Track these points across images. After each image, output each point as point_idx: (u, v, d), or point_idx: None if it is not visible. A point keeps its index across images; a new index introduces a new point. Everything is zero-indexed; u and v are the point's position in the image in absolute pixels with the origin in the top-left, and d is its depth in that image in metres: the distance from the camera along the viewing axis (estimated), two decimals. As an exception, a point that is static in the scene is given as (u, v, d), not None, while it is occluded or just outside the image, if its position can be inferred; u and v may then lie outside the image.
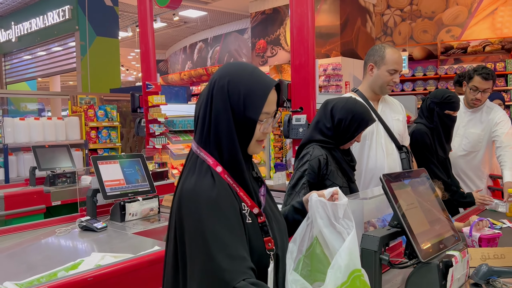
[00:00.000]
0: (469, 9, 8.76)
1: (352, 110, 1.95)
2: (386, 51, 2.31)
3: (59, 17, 8.99)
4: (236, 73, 1.12)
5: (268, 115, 1.13)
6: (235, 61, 1.22)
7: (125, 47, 15.17)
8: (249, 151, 1.14)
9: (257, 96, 1.09)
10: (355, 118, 1.94)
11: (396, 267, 1.38)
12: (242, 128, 1.09)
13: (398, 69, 2.31)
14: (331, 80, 8.33)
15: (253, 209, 1.11)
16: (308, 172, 1.93)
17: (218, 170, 1.09)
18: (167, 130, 4.94)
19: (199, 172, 1.09)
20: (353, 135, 1.96)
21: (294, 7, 3.49)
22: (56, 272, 1.68)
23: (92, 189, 2.60)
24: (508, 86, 7.82)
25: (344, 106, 1.97)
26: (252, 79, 1.11)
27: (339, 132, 1.96)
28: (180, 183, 1.12)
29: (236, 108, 1.09)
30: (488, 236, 1.69)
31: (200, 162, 1.10)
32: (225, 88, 1.10)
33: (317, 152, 1.94)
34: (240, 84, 1.10)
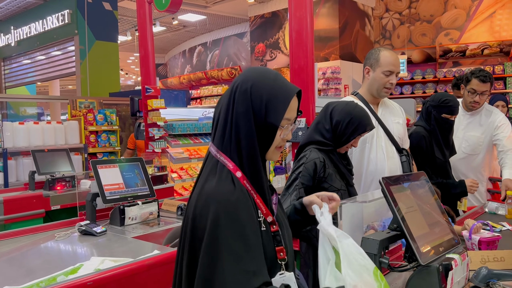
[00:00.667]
0: (467, 12, 8.79)
1: (350, 113, 1.96)
2: (381, 53, 2.32)
3: (58, 22, 9.01)
4: (260, 78, 1.11)
5: (289, 121, 1.13)
6: (258, 66, 1.21)
7: (124, 51, 15.19)
8: (267, 157, 1.14)
9: (280, 101, 1.09)
10: (352, 122, 1.94)
11: (396, 270, 1.38)
12: (262, 134, 1.09)
13: (393, 70, 2.30)
14: (330, 84, 8.35)
15: (267, 217, 1.10)
16: (302, 174, 1.93)
17: (237, 175, 1.08)
18: (166, 134, 4.94)
19: (220, 176, 1.08)
20: (349, 139, 1.96)
21: (293, 11, 3.50)
22: (56, 276, 1.68)
23: (92, 193, 2.59)
24: (507, 89, 7.83)
25: (344, 108, 1.98)
26: (275, 85, 1.11)
27: (336, 135, 1.97)
28: (199, 186, 1.10)
29: (258, 113, 1.08)
30: (488, 239, 1.69)
31: (220, 166, 1.09)
32: (248, 92, 1.09)
33: (314, 155, 1.94)
34: (263, 89, 1.09)
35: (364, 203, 1.53)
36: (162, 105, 4.86)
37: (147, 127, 4.89)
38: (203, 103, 12.14)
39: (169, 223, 2.64)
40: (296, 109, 1.16)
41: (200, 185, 1.10)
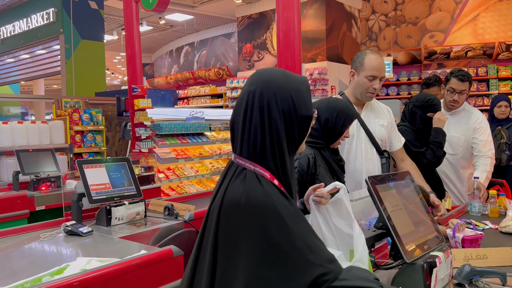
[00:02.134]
0: (451, 15, 8.92)
1: (336, 108, 2.00)
2: (366, 57, 2.32)
3: (43, 20, 8.89)
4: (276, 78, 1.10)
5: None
6: (265, 68, 1.18)
7: (111, 51, 15.06)
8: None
9: (303, 93, 1.11)
10: (340, 115, 1.99)
11: (382, 268, 1.40)
12: (300, 128, 1.10)
13: (376, 76, 2.29)
14: (317, 85, 8.40)
15: None
16: (297, 170, 1.95)
17: (275, 183, 1.06)
18: (153, 134, 4.91)
19: (265, 183, 1.03)
20: (342, 131, 2.00)
21: (280, 12, 3.52)
22: (41, 277, 1.66)
23: (78, 193, 2.57)
24: (490, 90, 7.97)
25: (328, 105, 2.02)
26: (291, 80, 1.11)
27: (328, 131, 2.00)
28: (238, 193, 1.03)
29: (287, 111, 1.07)
30: (471, 237, 1.72)
31: (259, 176, 1.05)
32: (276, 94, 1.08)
33: (306, 151, 1.97)
34: (285, 87, 1.09)
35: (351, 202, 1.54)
36: (149, 104, 4.84)
37: (134, 127, 4.86)
38: (191, 103, 12.11)
39: (156, 223, 2.63)
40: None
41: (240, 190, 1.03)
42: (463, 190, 3.05)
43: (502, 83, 7.94)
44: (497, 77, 7.98)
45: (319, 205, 1.24)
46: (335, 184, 1.25)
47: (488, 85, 8.06)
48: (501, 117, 4.25)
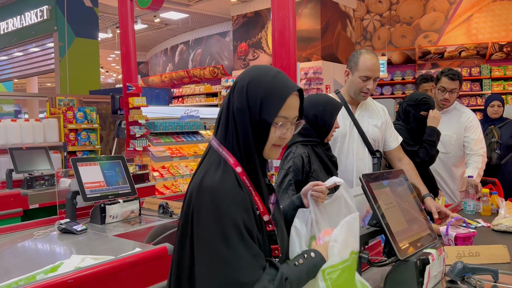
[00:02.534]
0: (445, 15, 8.97)
1: (319, 103, 2.02)
2: (361, 57, 2.31)
3: (37, 18, 8.83)
4: (258, 75, 1.13)
5: (286, 119, 1.12)
6: (262, 64, 1.21)
7: (105, 49, 15.00)
8: (265, 155, 1.14)
9: (275, 98, 1.10)
10: (326, 108, 2.01)
11: (375, 265, 1.41)
12: (257, 131, 1.10)
13: (370, 76, 2.29)
14: (312, 84, 8.41)
15: (263, 216, 1.11)
16: (292, 169, 1.96)
17: (238, 170, 1.09)
18: (148, 132, 4.90)
19: (223, 170, 1.08)
20: (331, 123, 2.02)
21: (275, 11, 3.52)
22: (35, 275, 1.65)
23: (72, 191, 2.56)
24: (483, 90, 8.03)
25: (311, 102, 2.03)
26: (273, 82, 1.11)
27: (318, 127, 2.01)
28: (199, 179, 1.09)
29: (253, 109, 1.09)
30: (464, 235, 1.74)
31: (223, 161, 1.10)
32: (244, 89, 1.11)
33: (300, 150, 1.98)
34: (260, 86, 1.10)
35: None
36: (144, 103, 4.83)
37: (128, 125, 4.85)
38: (185, 102, 12.09)
39: (150, 221, 2.63)
40: (297, 109, 1.16)
41: (200, 177, 1.09)
42: (454, 188, 3.07)
43: (495, 83, 8.00)
44: (490, 77, 8.04)
45: (317, 201, 1.24)
46: (334, 179, 1.25)
47: (481, 85, 8.11)
48: (494, 117, 4.29)
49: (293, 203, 1.35)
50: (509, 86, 7.89)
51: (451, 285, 1.42)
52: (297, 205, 1.33)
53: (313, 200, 1.24)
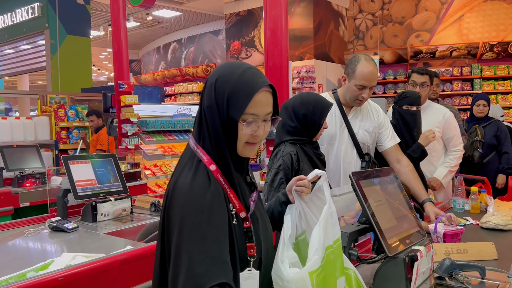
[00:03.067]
0: (437, 15, 9.03)
1: (310, 102, 2.03)
2: (358, 65, 2.29)
3: (28, 15, 8.76)
4: (226, 72, 1.11)
5: (256, 116, 1.10)
6: (233, 61, 1.20)
7: (97, 47, 14.91)
8: (239, 152, 1.13)
9: (241, 95, 1.08)
10: (316, 107, 2.01)
11: (365, 262, 1.42)
12: (226, 128, 1.09)
13: (366, 85, 2.28)
14: (304, 83, 8.44)
15: (240, 212, 1.11)
16: (283, 167, 1.97)
17: (211, 168, 1.09)
18: (140, 131, 4.89)
19: (196, 169, 1.09)
20: (321, 123, 2.03)
21: (268, 9, 3.53)
22: (25, 273, 1.65)
23: (63, 189, 2.55)
24: (474, 90, 8.10)
25: (302, 101, 2.04)
26: (240, 79, 1.09)
27: (308, 126, 2.02)
28: (174, 178, 1.11)
29: (221, 107, 1.08)
30: (452, 232, 1.76)
31: (197, 159, 1.10)
32: (212, 86, 1.10)
33: (288, 149, 1.99)
34: (226, 83, 1.09)
35: (334, 197, 1.57)
36: (136, 101, 4.81)
37: (120, 123, 4.83)
38: (178, 100, 12.05)
39: (142, 219, 2.63)
40: (270, 105, 1.14)
41: (176, 177, 1.11)
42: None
43: (485, 83, 8.07)
44: (481, 77, 8.11)
45: (301, 195, 1.25)
46: (316, 172, 1.25)
47: (472, 85, 8.18)
48: (479, 116, 4.34)
49: (279, 199, 1.36)
50: (500, 85, 7.96)
51: (439, 281, 1.44)
52: (283, 201, 1.34)
53: (297, 195, 1.25)
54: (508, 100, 7.78)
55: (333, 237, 1.16)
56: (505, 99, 7.83)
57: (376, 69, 2.35)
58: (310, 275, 1.08)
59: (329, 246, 1.14)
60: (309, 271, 1.08)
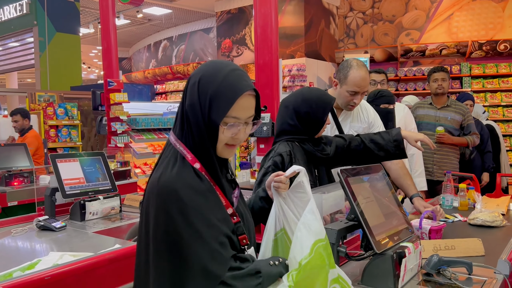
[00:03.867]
0: (427, 13, 9.08)
1: (312, 98, 1.98)
2: (350, 71, 2.28)
3: (16, 12, 8.65)
4: (210, 72, 1.10)
5: (237, 120, 1.09)
6: (218, 60, 1.18)
7: (87, 44, 14.78)
8: (218, 153, 1.13)
9: (224, 99, 1.06)
10: (318, 104, 1.97)
11: (353, 259, 1.43)
12: (208, 129, 1.08)
13: (358, 91, 2.28)
14: (295, 81, 8.44)
15: (227, 208, 1.11)
16: (271, 168, 1.93)
17: (196, 166, 1.08)
18: (129, 129, 4.86)
19: (180, 165, 1.07)
20: (324, 120, 1.99)
21: (258, 7, 3.52)
22: (12, 272, 1.63)
23: (51, 188, 2.52)
24: (463, 88, 8.16)
25: (304, 98, 1.99)
26: (224, 81, 1.08)
27: (310, 123, 1.97)
28: (157, 175, 1.08)
29: (203, 107, 1.07)
30: (437, 228, 1.78)
31: (180, 156, 1.09)
32: (196, 85, 1.09)
33: (282, 148, 1.96)
34: (209, 84, 1.08)
35: (323, 194, 1.57)
36: (125, 99, 4.78)
37: (110, 121, 4.80)
38: (169, 98, 11.99)
39: (131, 218, 2.61)
40: (252, 108, 1.12)
41: (158, 173, 1.08)
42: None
43: (474, 81, 8.14)
44: (470, 75, 8.17)
45: (279, 191, 1.24)
46: (293, 168, 1.25)
47: (461, 83, 8.25)
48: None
49: (259, 195, 1.36)
50: (488, 84, 8.03)
51: (427, 277, 1.45)
52: (262, 196, 1.34)
53: (275, 190, 1.24)
54: (496, 98, 7.86)
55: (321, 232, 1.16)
56: (493, 97, 7.91)
57: (368, 74, 2.34)
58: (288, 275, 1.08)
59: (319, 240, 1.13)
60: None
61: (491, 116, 7.75)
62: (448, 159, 3.74)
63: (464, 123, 3.78)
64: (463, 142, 3.74)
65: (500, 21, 8.44)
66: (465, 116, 3.79)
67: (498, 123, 7.81)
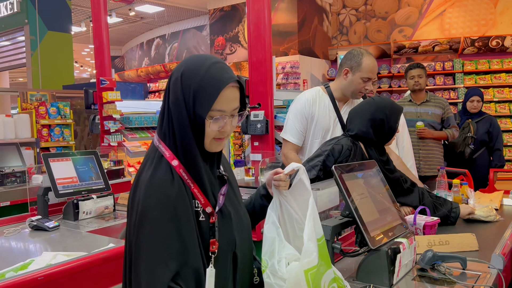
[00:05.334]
0: (419, 10, 9.11)
1: (386, 107, 1.99)
2: (364, 58, 2.33)
3: (6, 10, 8.56)
4: (192, 67, 1.08)
5: (223, 112, 1.08)
6: (199, 54, 1.17)
7: (79, 43, 14.66)
8: (206, 148, 1.11)
9: (207, 92, 1.05)
10: (392, 112, 1.99)
11: (348, 255, 1.43)
12: (193, 124, 1.07)
13: (371, 78, 2.34)
14: (289, 78, 8.44)
15: (206, 208, 1.09)
16: (328, 153, 1.95)
17: (173, 163, 1.07)
18: (122, 127, 4.83)
19: (157, 165, 1.07)
20: (396, 128, 2.01)
21: (251, 4, 3.51)
22: (4, 273, 1.61)
23: (43, 188, 2.50)
24: (456, 84, 8.21)
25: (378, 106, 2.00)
26: (207, 74, 1.06)
27: (384, 132, 1.98)
28: (137, 175, 1.10)
29: (187, 103, 1.06)
30: (431, 223, 1.78)
31: (158, 155, 1.08)
32: (178, 81, 1.08)
33: (345, 141, 1.97)
34: (192, 78, 1.06)
35: (318, 191, 1.57)
36: (118, 97, 4.75)
37: (102, 120, 4.77)
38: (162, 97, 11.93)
39: (125, 217, 2.56)
40: (237, 100, 1.11)
41: (138, 174, 1.10)
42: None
43: (467, 77, 8.19)
44: (462, 71, 8.22)
45: (279, 189, 1.24)
46: (292, 165, 1.24)
47: (454, 79, 8.29)
48: (473, 111, 4.38)
49: (259, 192, 1.35)
50: (481, 80, 8.08)
51: (421, 273, 1.45)
52: (263, 194, 1.33)
53: (276, 189, 1.24)
54: (489, 94, 7.90)
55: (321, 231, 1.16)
56: (486, 93, 7.95)
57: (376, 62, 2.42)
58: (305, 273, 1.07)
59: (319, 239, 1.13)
60: (304, 269, 1.07)
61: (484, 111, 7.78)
62: (433, 154, 3.76)
63: (444, 116, 3.80)
64: (443, 135, 3.76)
65: (492, 17, 8.49)
66: (445, 109, 3.81)
67: (491, 119, 7.87)
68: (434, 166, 3.67)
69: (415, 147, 3.54)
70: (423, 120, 3.75)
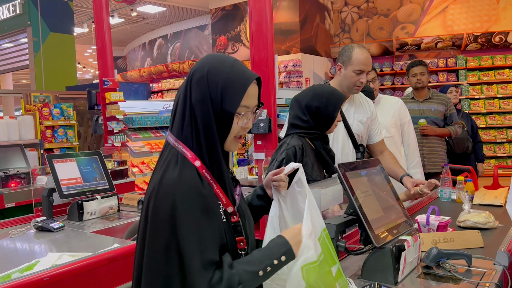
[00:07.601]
0: (422, 7, 9.08)
1: (323, 94, 2.01)
2: (354, 51, 2.33)
3: (9, 12, 8.58)
4: (216, 64, 1.09)
5: (247, 109, 1.10)
6: (216, 53, 1.18)
7: (82, 44, 14.71)
8: (226, 147, 1.12)
9: (236, 88, 1.07)
10: (329, 100, 2.00)
11: (353, 253, 1.43)
12: (220, 122, 1.07)
13: (364, 70, 2.32)
14: (291, 77, 8.43)
15: (227, 207, 1.09)
16: (286, 161, 1.94)
17: (196, 164, 1.06)
18: (126, 128, 4.84)
19: (182, 165, 1.05)
20: (335, 116, 2.02)
21: (252, 3, 3.51)
22: (10, 274, 1.62)
23: (48, 189, 2.51)
24: (459, 80, 8.17)
25: (315, 93, 2.02)
26: (232, 71, 1.08)
27: (321, 119, 2.00)
28: (159, 176, 1.07)
29: (214, 100, 1.06)
30: (444, 223, 1.77)
31: (181, 156, 1.07)
32: (204, 78, 1.07)
33: (294, 142, 1.98)
34: (219, 76, 1.07)
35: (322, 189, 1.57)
36: (121, 97, 4.76)
37: (106, 120, 4.78)
38: (165, 97, 11.97)
39: (129, 217, 2.60)
40: (257, 97, 1.14)
41: (160, 175, 1.07)
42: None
43: (470, 73, 8.15)
44: (465, 68, 8.18)
45: (279, 190, 1.24)
46: (292, 165, 1.24)
47: (457, 76, 8.25)
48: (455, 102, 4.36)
49: (256, 193, 1.35)
50: (484, 76, 8.05)
51: (426, 270, 1.45)
52: (260, 194, 1.33)
53: (275, 189, 1.24)
54: (492, 90, 7.87)
55: (320, 228, 1.16)
56: (489, 89, 7.92)
57: (369, 54, 2.40)
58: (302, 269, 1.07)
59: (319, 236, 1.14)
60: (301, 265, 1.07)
61: (488, 108, 7.77)
62: (436, 151, 3.74)
63: (447, 113, 3.79)
64: (445, 132, 3.75)
65: (494, 13, 8.44)
66: (448, 106, 3.80)
67: (495, 115, 7.84)
68: (438, 163, 3.66)
69: (419, 144, 3.53)
70: (425, 117, 3.74)
